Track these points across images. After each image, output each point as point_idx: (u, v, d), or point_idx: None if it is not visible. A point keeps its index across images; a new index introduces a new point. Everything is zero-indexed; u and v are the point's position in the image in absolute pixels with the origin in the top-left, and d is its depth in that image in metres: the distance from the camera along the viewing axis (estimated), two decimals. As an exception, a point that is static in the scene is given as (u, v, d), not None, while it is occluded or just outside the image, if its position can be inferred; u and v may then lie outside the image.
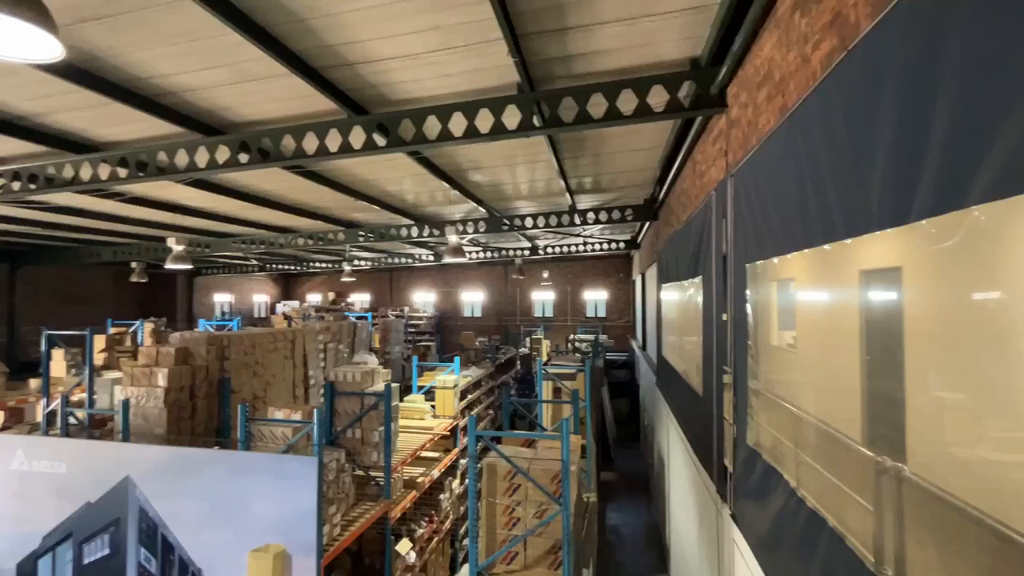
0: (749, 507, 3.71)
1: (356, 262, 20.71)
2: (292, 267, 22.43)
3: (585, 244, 16.74)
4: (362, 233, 12.69)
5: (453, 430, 9.01)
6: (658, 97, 4.62)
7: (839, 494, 2.43)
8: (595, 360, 13.01)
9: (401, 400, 8.70)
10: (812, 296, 3.11)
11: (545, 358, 14.22)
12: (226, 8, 3.64)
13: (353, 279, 20.95)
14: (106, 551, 5.53)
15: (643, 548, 10.07)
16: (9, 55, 2.50)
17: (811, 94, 2.58)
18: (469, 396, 10.21)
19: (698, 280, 5.69)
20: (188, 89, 5.06)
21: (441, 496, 8.32)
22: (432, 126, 5.17)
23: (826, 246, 2.45)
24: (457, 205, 11.04)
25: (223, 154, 5.84)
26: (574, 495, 4.74)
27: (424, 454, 8.12)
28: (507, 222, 11.36)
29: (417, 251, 18.97)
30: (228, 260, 20.65)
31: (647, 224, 12.59)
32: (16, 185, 6.76)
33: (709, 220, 4.99)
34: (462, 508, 9.20)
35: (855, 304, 2.45)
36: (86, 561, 5.65)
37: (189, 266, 11.85)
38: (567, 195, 9.79)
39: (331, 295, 27.69)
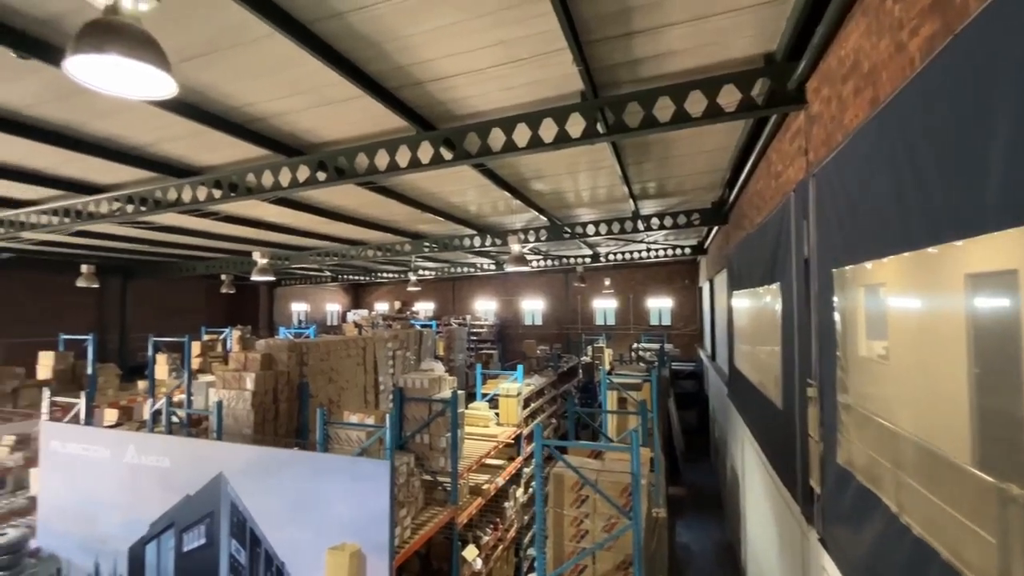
0: (841, 532, 3.43)
1: (421, 272, 21.41)
2: (361, 277, 23.56)
3: (648, 250, 16.32)
4: (427, 244, 13.10)
5: (517, 438, 9.04)
6: (729, 97, 4.44)
7: (952, 523, 2.19)
8: (661, 370, 12.60)
9: (465, 407, 8.85)
10: (907, 303, 2.85)
11: (608, 367, 13.96)
12: (310, 39, 3.92)
13: (418, 288, 21.67)
14: (202, 540, 6.01)
15: (716, 568, 9.55)
16: (133, 93, 2.84)
17: (909, 84, 2.38)
18: (532, 404, 10.21)
19: (775, 286, 5.37)
20: (274, 115, 5.48)
21: (506, 504, 8.35)
22: (497, 138, 5.27)
23: (931, 249, 2.24)
24: (519, 214, 11.15)
25: (303, 173, 6.26)
26: (644, 509, 4.60)
27: (489, 461, 8.20)
28: (568, 230, 11.31)
29: (479, 260, 19.33)
30: (305, 272, 22.01)
31: (715, 228, 12.08)
32: (130, 208, 7.60)
33: (787, 223, 4.71)
34: (526, 517, 9.18)
35: (960, 311, 2.22)
36: (185, 549, 6.16)
37: (272, 278, 12.78)
38: (630, 201, 9.61)
39: (397, 304, 28.78)
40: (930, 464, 2.44)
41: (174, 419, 7.82)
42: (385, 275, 22.93)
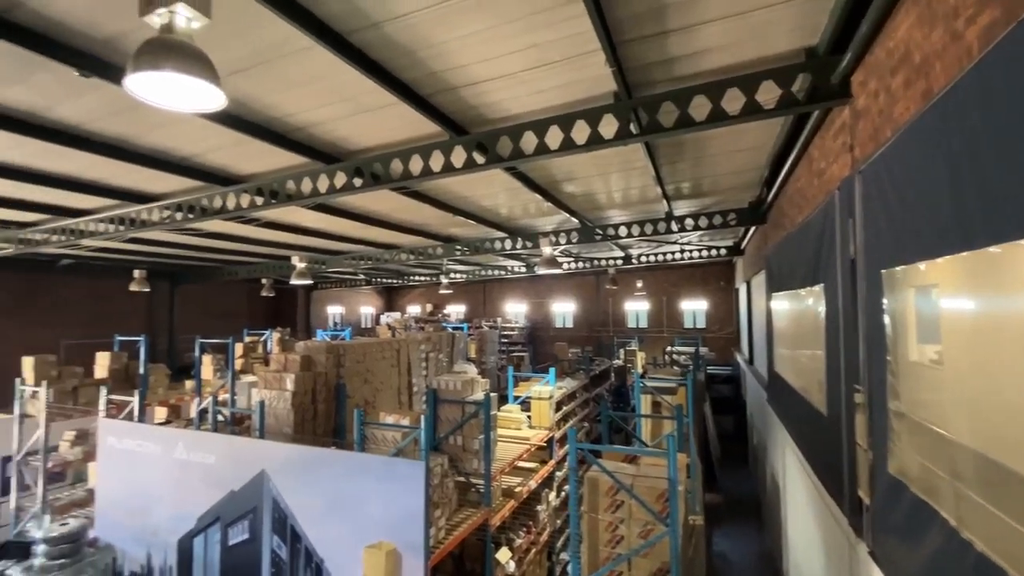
0: (894, 545, 3.27)
1: (452, 275, 21.62)
2: (394, 281, 23.99)
3: (682, 251, 16.01)
4: (459, 247, 13.23)
5: (549, 441, 9.00)
6: (769, 93, 4.32)
7: (1021, 539, 2.05)
8: (696, 374, 12.32)
9: (497, 410, 8.87)
10: (964, 304, 2.70)
11: (641, 371, 13.75)
12: (348, 50, 4.04)
13: (450, 291, 21.91)
14: (246, 535, 6.22)
15: (756, 579, 9.25)
16: (185, 107, 2.99)
17: (967, 74, 2.26)
18: (564, 408, 10.15)
19: (818, 288, 5.18)
20: (313, 124, 5.66)
21: (538, 507, 8.31)
22: (529, 141, 5.28)
23: (992, 248, 2.11)
24: (549, 217, 11.13)
25: (340, 180, 6.43)
26: (681, 516, 4.51)
27: (521, 464, 8.19)
28: (600, 232, 11.22)
29: (509, 263, 19.39)
30: (340, 275, 22.57)
31: (752, 228, 11.76)
32: (179, 215, 7.98)
33: (832, 222, 4.54)
34: (559, 521, 9.12)
35: (1023, 313, 2.09)
36: (230, 543, 6.39)
37: (309, 281, 13.16)
38: (664, 201, 9.46)
39: (429, 306, 29.13)
40: (993, 475, 2.30)
41: (219, 417, 8.13)
42: (417, 278, 23.28)
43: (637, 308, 24.70)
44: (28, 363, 10.21)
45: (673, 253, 16.21)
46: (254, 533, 6.14)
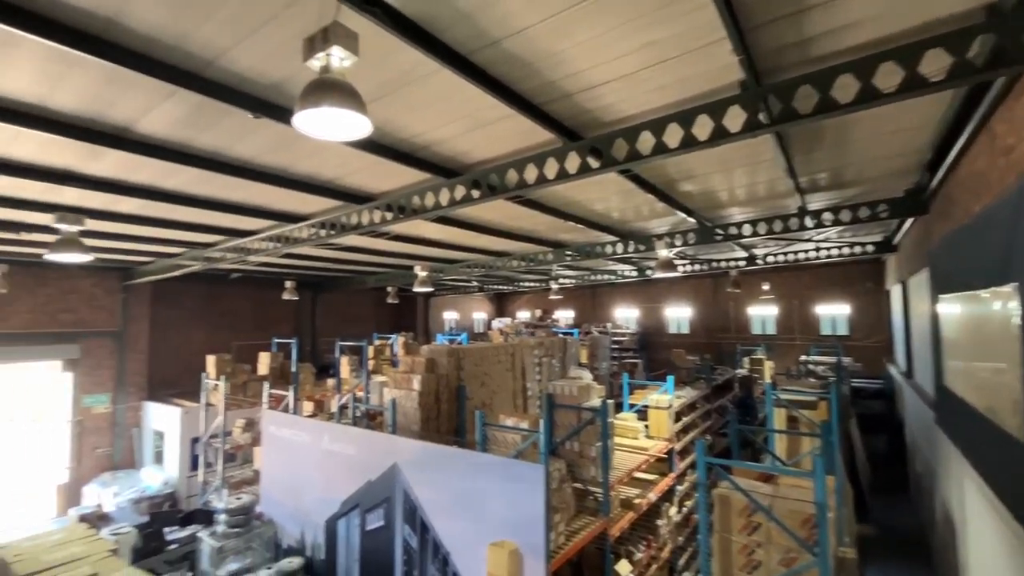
0: None
1: (561, 280, 21.69)
2: (504, 287, 24.71)
3: (818, 250, 14.34)
4: (568, 252, 13.23)
5: (669, 453, 8.59)
6: (935, 64, 3.71)
7: None
8: (839, 386, 10.94)
9: (612, 417, 8.68)
10: None
11: (770, 381, 12.57)
12: (470, 69, 4.26)
13: (559, 297, 21.97)
14: (381, 522, 6.78)
15: (924, 630, 7.92)
16: (340, 137, 3.39)
17: None
18: (684, 418, 9.62)
19: (1009, 288, 4.32)
20: (437, 142, 6.06)
21: (658, 521, 7.97)
22: (646, 141, 5.12)
23: None
24: (664, 218, 10.67)
25: (460, 192, 6.80)
26: (832, 546, 4.01)
27: (639, 475, 7.92)
28: (720, 232, 10.49)
29: (619, 267, 18.94)
30: (455, 282, 23.80)
31: (908, 221, 10.18)
32: (323, 232, 9.02)
33: (1027, 208, 3.77)
34: (680, 537, 8.65)
35: None
36: (367, 528, 7.01)
37: (430, 289, 14.06)
38: (796, 195, 8.57)
39: (538, 312, 29.52)
40: None
41: (357, 413, 9.00)
42: (527, 284, 23.72)
43: (763, 313, 22.65)
44: (211, 360, 12.23)
45: (807, 252, 14.59)
46: (388, 521, 6.67)
